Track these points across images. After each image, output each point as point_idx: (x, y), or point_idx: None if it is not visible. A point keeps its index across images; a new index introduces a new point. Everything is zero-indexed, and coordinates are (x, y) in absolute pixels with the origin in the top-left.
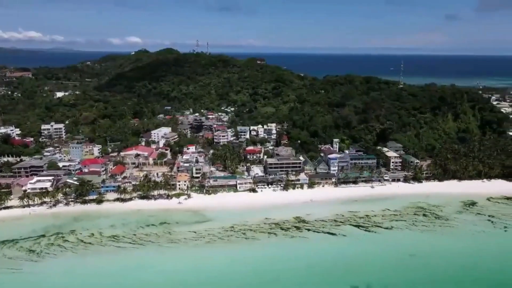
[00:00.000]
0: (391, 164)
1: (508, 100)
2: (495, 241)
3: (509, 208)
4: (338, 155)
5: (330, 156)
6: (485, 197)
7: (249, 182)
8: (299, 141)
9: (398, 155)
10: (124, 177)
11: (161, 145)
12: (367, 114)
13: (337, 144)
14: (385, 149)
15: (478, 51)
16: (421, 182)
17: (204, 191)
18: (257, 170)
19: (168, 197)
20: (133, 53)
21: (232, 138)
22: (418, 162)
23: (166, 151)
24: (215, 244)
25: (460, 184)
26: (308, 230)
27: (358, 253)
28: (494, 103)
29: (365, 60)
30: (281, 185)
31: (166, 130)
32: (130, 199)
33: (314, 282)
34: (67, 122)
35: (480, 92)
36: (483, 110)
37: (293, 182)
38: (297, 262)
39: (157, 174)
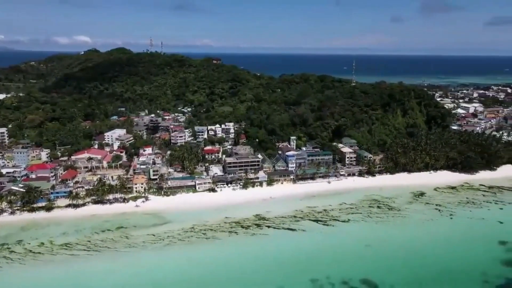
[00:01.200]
0: (346, 159)
1: (450, 97)
2: (443, 227)
3: (454, 197)
4: (296, 152)
5: (287, 153)
6: (432, 187)
7: (208, 182)
8: (257, 140)
9: (352, 151)
10: (76, 182)
11: (115, 147)
12: (322, 112)
13: (294, 141)
14: (340, 145)
15: (421, 51)
16: (375, 175)
17: (163, 193)
18: (216, 170)
19: (125, 200)
20: (82, 52)
21: (189, 139)
22: (371, 157)
23: (121, 154)
24: (175, 246)
25: (410, 176)
26: (269, 227)
27: (317, 246)
28: (438, 99)
29: (319, 60)
30: (241, 183)
31: (120, 132)
32: (84, 204)
33: (276, 277)
34: (10, 125)
35: (425, 89)
36: (429, 106)
37: (252, 180)
38: (259, 259)
39: (112, 177)
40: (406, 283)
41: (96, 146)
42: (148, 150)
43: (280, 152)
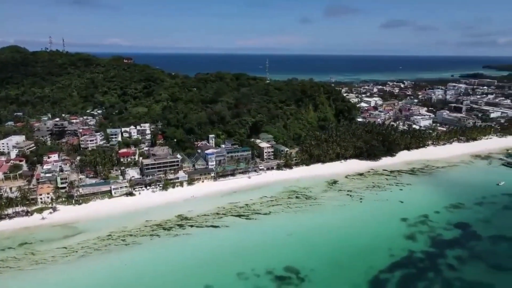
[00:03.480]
0: (265, 154)
1: (354, 92)
2: (354, 211)
3: (362, 182)
4: (215, 150)
5: (207, 151)
6: (344, 175)
7: (125, 186)
8: (175, 140)
9: (270, 146)
10: None
11: (13, 156)
12: (239, 109)
13: (213, 139)
14: (258, 140)
15: (328, 51)
16: (292, 168)
17: (74, 202)
18: (133, 173)
19: (28, 213)
20: None
21: (102, 142)
22: (287, 150)
23: (21, 163)
24: (91, 257)
25: (324, 166)
26: (192, 226)
27: (241, 241)
28: (344, 94)
29: (234, 59)
30: (160, 185)
31: (18, 138)
32: None
33: (202, 276)
34: None
35: (333, 85)
36: (337, 100)
37: (172, 181)
38: (183, 259)
39: (11, 189)
40: (326, 265)
41: None
42: (54, 156)
43: (199, 150)
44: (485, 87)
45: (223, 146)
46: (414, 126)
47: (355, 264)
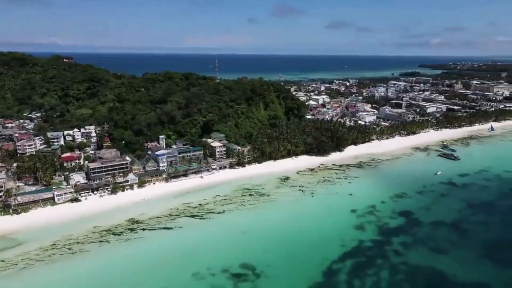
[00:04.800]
0: (217, 153)
1: (303, 90)
2: (307, 205)
3: (313, 178)
4: (166, 151)
5: (157, 152)
6: (295, 171)
7: (70, 192)
8: (123, 142)
9: (222, 145)
10: None
11: None
12: (190, 109)
13: (164, 140)
14: (209, 140)
15: (276, 51)
16: (245, 166)
17: (11, 211)
18: (78, 178)
19: None
20: None
21: (42, 147)
22: (240, 149)
23: None
24: (33, 269)
25: (276, 163)
26: (144, 229)
27: (195, 241)
28: (294, 93)
29: (182, 59)
30: (109, 189)
31: None
32: None
33: (157, 279)
34: None
35: (282, 84)
36: (286, 99)
37: (121, 184)
38: (136, 263)
39: None
40: (281, 259)
41: None
42: None
43: (149, 152)
44: (421, 85)
45: (174, 146)
46: (359, 122)
47: (309, 256)
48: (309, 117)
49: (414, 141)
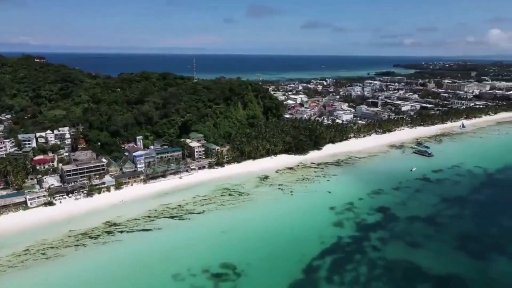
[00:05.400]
0: (196, 153)
1: (281, 90)
2: (286, 204)
3: (292, 176)
4: (144, 152)
5: (135, 153)
6: (274, 170)
7: (43, 195)
8: (99, 143)
9: (200, 145)
10: None
11: None
12: (167, 109)
13: (141, 141)
14: (188, 140)
15: (253, 51)
16: (224, 166)
17: None
18: (52, 181)
19: None
20: None
21: (13, 149)
22: (218, 149)
23: None
24: (4, 275)
25: (255, 162)
26: (122, 232)
27: (175, 242)
28: (272, 92)
29: (159, 59)
30: (84, 191)
31: None
32: None
33: (136, 282)
34: None
35: (261, 83)
36: (264, 98)
37: (98, 187)
38: (114, 267)
39: None
40: (262, 258)
41: None
42: None
43: (126, 153)
44: (396, 84)
45: (152, 147)
46: (337, 120)
47: (289, 254)
48: (287, 116)
49: (390, 139)
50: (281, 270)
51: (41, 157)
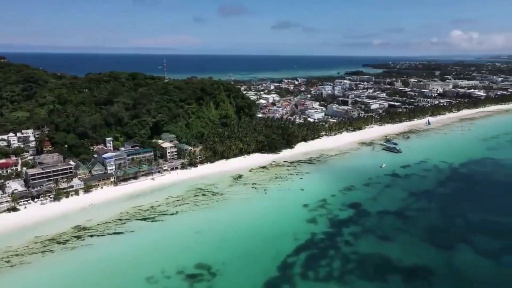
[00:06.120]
0: (168, 154)
1: (253, 90)
2: (260, 202)
3: (265, 175)
4: (114, 154)
5: (104, 155)
6: (248, 169)
7: (6, 201)
8: (66, 145)
9: (173, 145)
10: None
11: None
12: (138, 109)
13: (111, 142)
14: (160, 141)
15: (224, 51)
16: (197, 166)
17: None
18: (15, 185)
19: None
20: None
21: None
22: (191, 149)
23: None
24: None
25: (228, 162)
26: (92, 236)
27: (148, 244)
28: (244, 92)
29: (128, 59)
30: (51, 196)
31: None
32: None
33: (107, 286)
34: None
35: (232, 83)
36: (237, 98)
37: (65, 190)
38: (84, 272)
39: None
40: (236, 257)
41: None
42: None
43: (96, 155)
44: (365, 83)
45: (122, 148)
46: (309, 119)
47: (263, 252)
48: (260, 115)
49: (360, 136)
50: (257, 268)
51: (3, 161)
